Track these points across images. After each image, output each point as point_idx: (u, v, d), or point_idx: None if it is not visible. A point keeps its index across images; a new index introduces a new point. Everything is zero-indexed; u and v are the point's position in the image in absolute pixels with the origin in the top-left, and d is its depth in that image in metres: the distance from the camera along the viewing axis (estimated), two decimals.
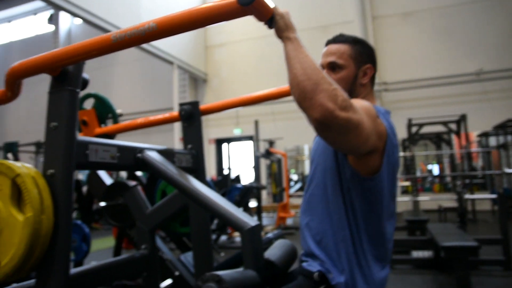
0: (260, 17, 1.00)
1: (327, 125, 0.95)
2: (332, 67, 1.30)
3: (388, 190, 1.18)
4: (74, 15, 7.29)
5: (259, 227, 1.14)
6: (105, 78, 13.26)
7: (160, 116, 1.92)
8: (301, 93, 0.96)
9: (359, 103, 1.10)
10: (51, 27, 14.65)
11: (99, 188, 2.96)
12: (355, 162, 1.15)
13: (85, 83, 1.04)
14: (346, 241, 1.17)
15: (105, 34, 1.05)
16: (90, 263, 1.43)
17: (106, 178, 2.72)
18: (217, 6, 0.95)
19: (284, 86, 1.66)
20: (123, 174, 7.01)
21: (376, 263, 1.19)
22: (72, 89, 0.99)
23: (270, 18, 1.03)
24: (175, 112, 1.75)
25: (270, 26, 1.06)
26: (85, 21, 7.49)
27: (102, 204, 2.82)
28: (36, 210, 0.90)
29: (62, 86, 0.98)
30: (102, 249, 6.06)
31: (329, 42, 1.37)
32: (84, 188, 4.93)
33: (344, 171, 1.18)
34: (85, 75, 1.04)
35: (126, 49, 1.07)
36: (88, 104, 2.52)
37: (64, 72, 0.99)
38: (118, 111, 2.37)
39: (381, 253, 1.21)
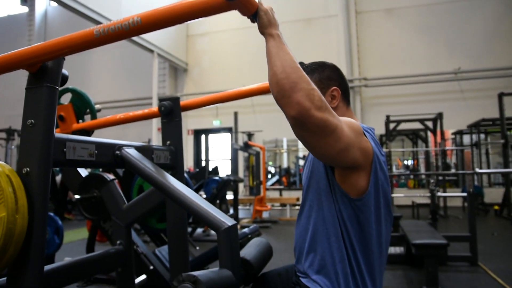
0: (244, 12, 1.02)
1: (303, 123, 0.98)
2: None
3: (376, 207, 1.17)
4: None
5: (235, 227, 1.15)
6: (82, 65, 12.94)
7: (139, 112, 1.90)
8: (280, 91, 0.99)
9: (343, 119, 1.11)
10: (25, 9, 14.16)
11: (74, 180, 2.91)
12: (343, 183, 1.15)
13: (64, 80, 1.02)
14: (343, 261, 1.16)
15: (88, 29, 1.02)
16: (64, 259, 1.41)
17: (81, 170, 2.68)
18: (203, 0, 0.95)
19: (265, 82, 1.66)
20: None
21: (373, 284, 1.20)
22: (51, 86, 0.97)
23: (254, 13, 1.05)
24: (155, 108, 1.74)
25: (254, 21, 1.07)
26: (61, 4, 7.26)
27: (77, 196, 2.78)
28: (10, 209, 0.89)
29: (41, 83, 0.96)
30: (75, 240, 5.96)
31: None
32: (58, 178, 4.83)
33: (335, 192, 1.18)
34: (64, 71, 1.02)
35: None
36: (66, 98, 2.45)
37: (43, 68, 0.97)
38: (97, 106, 2.32)
39: (375, 273, 1.21)
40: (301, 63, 1.31)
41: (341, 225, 1.17)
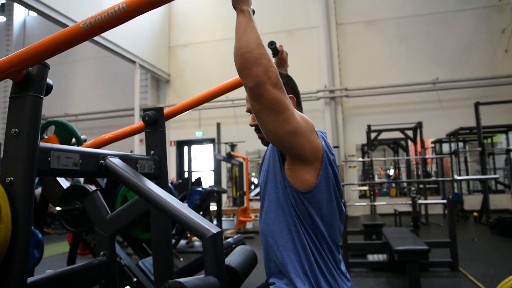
0: None
1: (258, 95, 1.09)
2: None
3: (328, 201, 1.24)
4: (28, 7, 6.97)
5: (220, 234, 1.16)
6: (62, 75, 12.79)
7: (127, 128, 1.89)
8: (242, 63, 1.09)
9: (300, 114, 1.20)
10: (2, 18, 13.95)
11: (55, 192, 2.86)
12: (291, 177, 1.22)
13: (49, 89, 1.02)
14: (306, 251, 1.22)
15: (74, 24, 1.02)
16: (45, 271, 1.39)
17: (63, 181, 2.64)
18: None
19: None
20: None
21: (338, 272, 1.25)
22: (36, 95, 0.97)
23: None
24: (141, 122, 1.73)
25: None
26: (40, 13, 7.17)
27: (58, 208, 2.73)
28: None
29: (25, 92, 0.96)
30: (54, 255, 5.83)
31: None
32: (37, 191, 4.73)
33: (285, 186, 1.24)
34: (49, 80, 1.02)
35: (87, 47, 1.05)
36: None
37: (28, 77, 0.96)
38: (83, 137, 2.29)
39: (336, 260, 1.27)
40: (271, 43, 1.40)
41: (296, 218, 1.23)
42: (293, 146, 1.17)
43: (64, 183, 2.65)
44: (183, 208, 1.18)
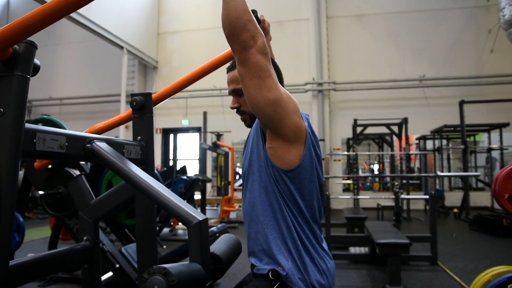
0: None
1: (244, 58, 1.14)
2: (236, 93, 1.43)
3: (309, 181, 1.27)
4: None
5: (206, 221, 1.16)
6: (47, 57, 12.51)
7: (116, 117, 1.86)
8: (231, 29, 1.13)
9: (285, 91, 1.23)
10: None
11: (38, 176, 2.83)
12: (272, 156, 1.25)
13: (36, 69, 1.00)
14: (289, 229, 1.25)
15: None
16: (27, 255, 1.38)
17: None
18: None
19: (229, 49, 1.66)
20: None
21: (321, 251, 1.29)
22: (22, 75, 0.95)
23: None
24: (130, 111, 1.71)
25: None
26: None
27: (41, 192, 2.70)
28: None
29: (11, 71, 0.93)
30: (36, 239, 5.77)
31: (228, 70, 1.48)
32: (20, 173, 4.66)
33: (267, 165, 1.27)
34: (36, 61, 1.00)
35: (74, 29, 1.00)
36: None
37: (14, 55, 0.94)
38: None
39: (318, 238, 1.30)
40: (253, 11, 1.41)
41: (279, 196, 1.26)
42: (272, 117, 1.18)
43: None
44: (170, 194, 1.18)
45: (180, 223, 5.85)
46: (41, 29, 0.97)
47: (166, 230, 6.36)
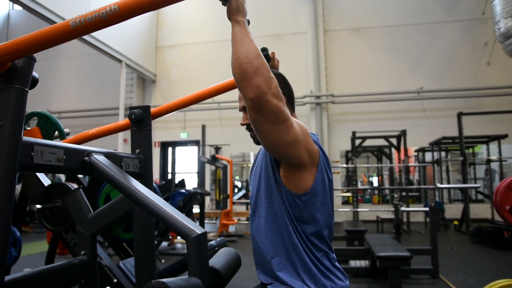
0: None
1: (259, 106, 1.07)
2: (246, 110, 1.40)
3: (322, 204, 1.26)
4: (13, 0, 6.82)
5: (205, 235, 1.15)
6: (47, 71, 12.56)
7: (112, 124, 1.85)
8: (242, 73, 1.07)
9: (294, 119, 1.20)
10: None
11: (35, 189, 2.80)
12: (287, 182, 1.23)
13: (34, 82, 0.99)
14: (300, 255, 1.22)
15: (63, 21, 1.00)
16: (23, 270, 1.36)
17: (43, 179, 2.59)
18: None
19: (232, 78, 1.65)
20: (61, 175, 6.65)
21: (335, 270, 1.27)
22: (21, 88, 0.94)
23: None
24: (127, 120, 1.71)
25: (224, 4, 1.15)
26: (25, 7, 7.03)
27: (38, 206, 2.68)
28: None
29: (10, 84, 0.93)
30: (32, 254, 5.71)
31: None
32: (17, 187, 4.63)
33: (281, 191, 1.25)
34: (35, 73, 1.00)
35: (72, 44, 1.02)
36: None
37: (13, 68, 0.94)
38: (66, 130, 2.24)
39: (330, 259, 1.28)
40: (264, 49, 1.40)
41: (289, 222, 1.24)
42: (292, 156, 1.17)
43: (45, 180, 2.59)
44: (168, 207, 1.17)
45: (178, 237, 5.80)
46: (42, 50, 0.99)
47: (164, 244, 6.30)
